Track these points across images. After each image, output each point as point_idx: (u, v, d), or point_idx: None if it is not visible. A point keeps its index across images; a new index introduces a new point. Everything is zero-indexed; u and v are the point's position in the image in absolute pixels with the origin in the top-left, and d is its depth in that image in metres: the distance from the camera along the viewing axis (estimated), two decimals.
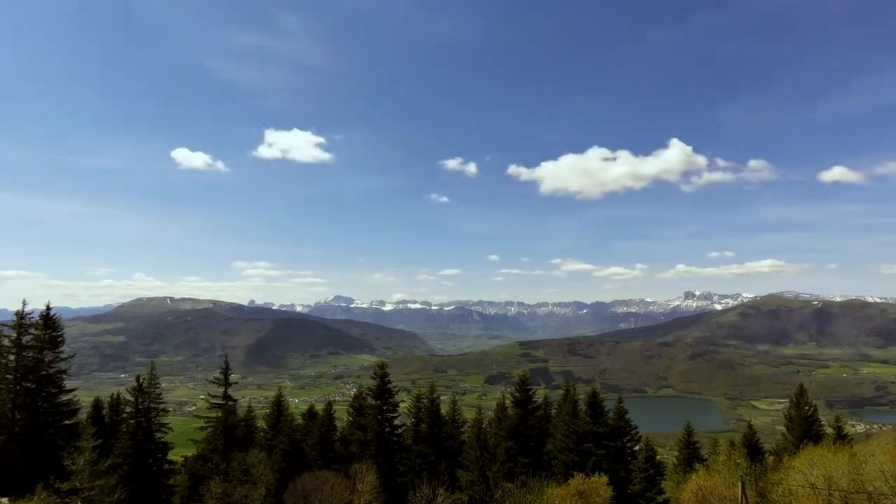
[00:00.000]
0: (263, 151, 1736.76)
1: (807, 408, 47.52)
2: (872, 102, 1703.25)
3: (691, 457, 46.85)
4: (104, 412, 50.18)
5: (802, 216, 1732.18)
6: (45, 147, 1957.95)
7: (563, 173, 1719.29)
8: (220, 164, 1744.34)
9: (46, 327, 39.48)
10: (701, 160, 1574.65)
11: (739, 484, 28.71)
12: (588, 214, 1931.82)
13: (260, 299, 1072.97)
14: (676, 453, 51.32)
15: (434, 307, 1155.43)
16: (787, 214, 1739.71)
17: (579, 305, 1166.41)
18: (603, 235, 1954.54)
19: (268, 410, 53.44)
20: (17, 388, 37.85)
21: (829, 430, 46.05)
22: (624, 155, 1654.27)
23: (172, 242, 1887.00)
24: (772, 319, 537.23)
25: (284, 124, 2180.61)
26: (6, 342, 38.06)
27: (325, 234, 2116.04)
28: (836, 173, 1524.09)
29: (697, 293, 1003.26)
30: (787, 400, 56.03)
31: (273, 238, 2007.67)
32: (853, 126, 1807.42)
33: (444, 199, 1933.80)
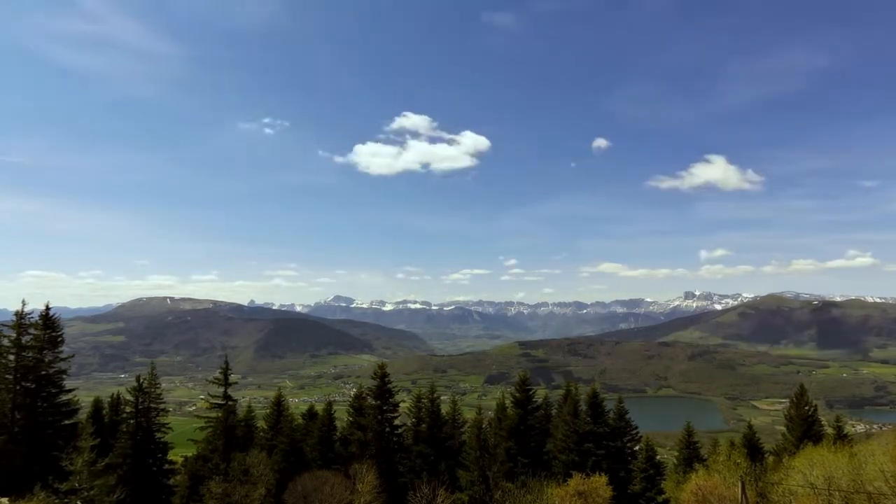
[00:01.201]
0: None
1: (807, 408, 47.49)
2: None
3: (691, 457, 46.86)
4: (104, 412, 50.13)
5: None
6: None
7: None
8: None
9: (46, 327, 39.40)
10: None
11: (739, 484, 28.70)
12: None
13: (260, 299, 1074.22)
14: (676, 453, 51.33)
15: (434, 307, 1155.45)
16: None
17: (579, 305, 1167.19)
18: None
19: (268, 410, 53.38)
20: (17, 388, 37.80)
21: (829, 430, 46.01)
22: None
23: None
24: (772, 319, 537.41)
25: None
26: (6, 342, 38.02)
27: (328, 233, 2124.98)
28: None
29: (697, 293, 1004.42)
30: (787, 400, 56.04)
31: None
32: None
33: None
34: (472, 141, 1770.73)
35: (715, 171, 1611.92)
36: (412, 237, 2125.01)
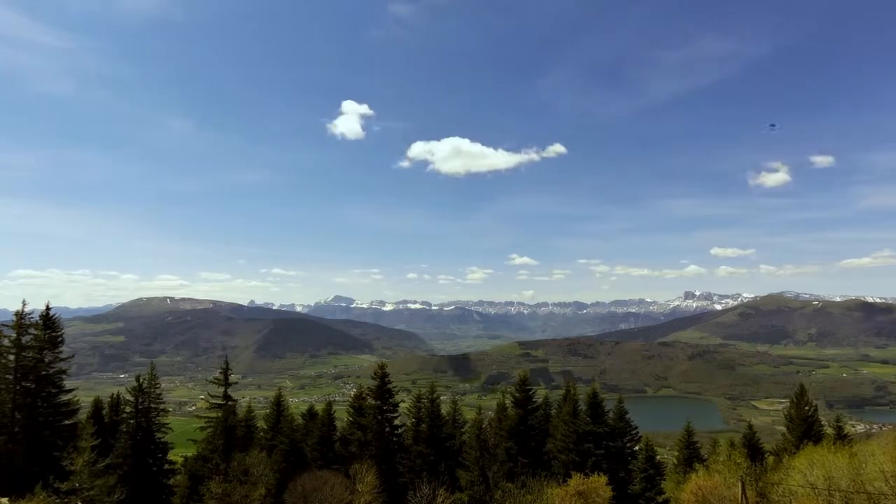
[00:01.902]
0: None
1: (807, 408, 47.47)
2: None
3: (691, 457, 46.81)
4: (104, 412, 50.12)
5: None
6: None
7: None
8: None
9: (46, 327, 39.44)
10: None
11: (739, 484, 28.72)
12: None
13: (260, 299, 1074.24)
14: (676, 453, 51.25)
15: (434, 307, 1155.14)
16: None
17: (579, 305, 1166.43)
18: None
19: (268, 410, 53.43)
20: (17, 388, 37.82)
21: (829, 430, 45.99)
22: None
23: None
24: (772, 319, 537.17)
25: None
26: (6, 342, 38.03)
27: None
28: None
29: (697, 293, 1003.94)
30: (787, 400, 55.97)
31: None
32: None
33: None
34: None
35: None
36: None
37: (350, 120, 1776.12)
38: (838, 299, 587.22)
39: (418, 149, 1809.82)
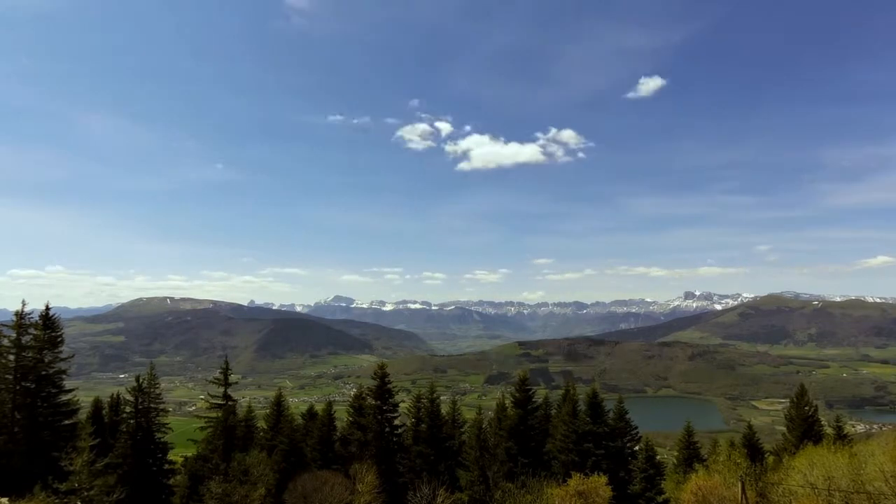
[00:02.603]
0: None
1: (807, 408, 47.47)
2: None
3: (691, 457, 46.78)
4: (104, 412, 50.09)
5: None
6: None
7: None
8: None
9: (46, 327, 39.42)
10: None
11: (739, 484, 28.70)
12: None
13: (260, 299, 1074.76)
14: (676, 453, 51.24)
15: (434, 307, 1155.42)
16: None
17: (579, 305, 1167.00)
18: None
19: (268, 410, 53.39)
20: (17, 388, 37.80)
21: (829, 430, 45.96)
22: None
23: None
24: (772, 319, 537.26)
25: None
26: (6, 342, 38.02)
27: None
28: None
29: (697, 293, 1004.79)
30: (787, 400, 55.99)
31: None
32: None
33: None
34: None
35: None
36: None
37: None
38: (838, 299, 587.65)
39: None
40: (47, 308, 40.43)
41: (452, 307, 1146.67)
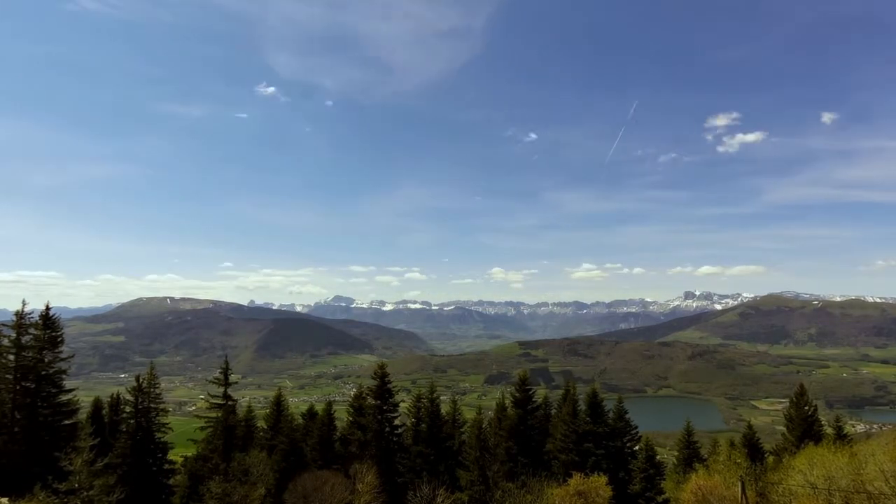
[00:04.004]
0: None
1: (807, 408, 47.46)
2: None
3: (691, 457, 46.82)
4: (104, 412, 50.13)
5: None
6: None
7: None
8: None
9: (46, 327, 39.40)
10: None
11: (739, 484, 28.68)
12: None
13: (260, 299, 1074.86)
14: (676, 453, 51.28)
15: (434, 307, 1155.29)
16: None
17: (579, 305, 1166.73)
18: None
19: (268, 410, 53.39)
20: (17, 388, 37.79)
21: (829, 430, 45.96)
22: None
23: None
24: (772, 319, 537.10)
25: None
26: (6, 342, 38.00)
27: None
28: None
29: (697, 293, 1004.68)
30: (787, 400, 55.93)
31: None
32: None
33: None
34: None
35: None
36: None
37: None
38: (838, 299, 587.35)
39: None
40: (47, 308, 40.40)
41: (452, 307, 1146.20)
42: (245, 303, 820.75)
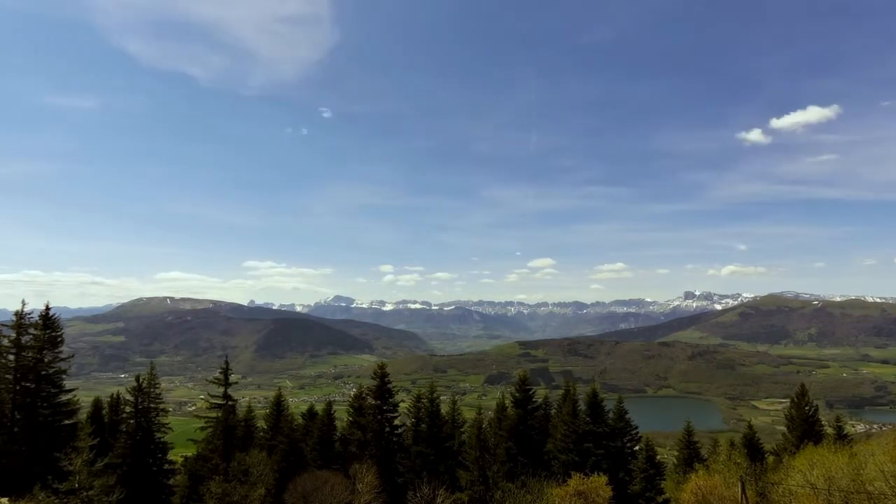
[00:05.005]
0: None
1: (807, 408, 47.44)
2: None
3: (691, 457, 46.76)
4: (104, 412, 50.05)
5: None
6: None
7: None
8: None
9: (46, 327, 39.41)
10: None
11: (739, 484, 28.67)
12: None
13: (260, 299, 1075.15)
14: (676, 453, 51.23)
15: (434, 307, 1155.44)
16: None
17: (579, 305, 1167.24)
18: None
19: (268, 410, 53.42)
20: (17, 388, 37.80)
21: (829, 430, 45.95)
22: None
23: None
24: (772, 319, 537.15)
25: None
26: (6, 342, 38.00)
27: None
28: None
29: (697, 293, 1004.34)
30: (787, 400, 55.94)
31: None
32: None
33: None
34: None
35: None
36: None
37: None
38: (838, 299, 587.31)
39: None
40: (47, 308, 40.42)
41: (453, 307, 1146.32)
42: (245, 303, 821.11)
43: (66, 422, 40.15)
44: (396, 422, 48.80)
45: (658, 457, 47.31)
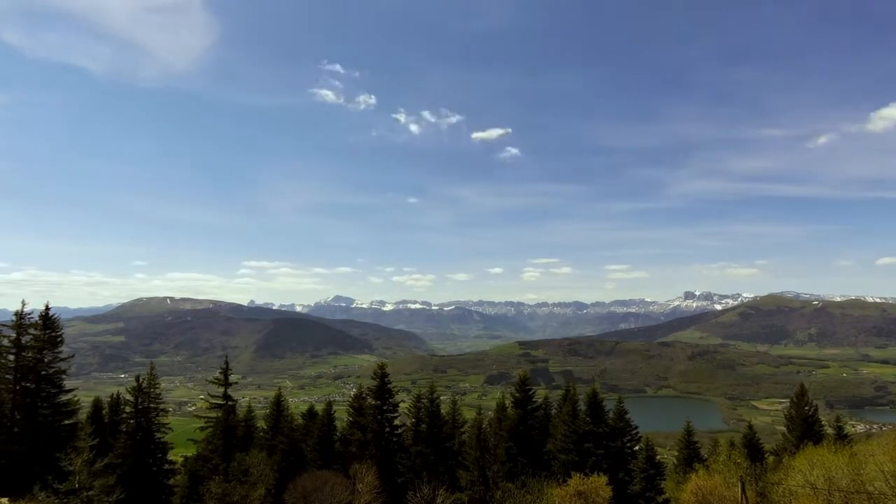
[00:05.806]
0: None
1: (807, 408, 47.47)
2: None
3: (691, 457, 46.76)
4: (104, 412, 50.05)
5: None
6: None
7: None
8: None
9: (46, 327, 39.42)
10: None
11: (739, 484, 28.67)
12: None
13: (260, 299, 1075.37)
14: (676, 453, 51.22)
15: (434, 307, 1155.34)
16: None
17: (579, 305, 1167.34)
18: None
19: (267, 410, 53.38)
20: (17, 388, 37.81)
21: (829, 431, 45.99)
22: None
23: None
24: (772, 319, 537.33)
25: None
26: (6, 342, 38.01)
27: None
28: None
29: (697, 293, 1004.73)
30: (787, 400, 55.97)
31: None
32: None
33: None
34: None
35: None
36: None
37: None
38: (838, 299, 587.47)
39: None
40: (47, 308, 40.44)
41: (452, 307, 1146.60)
42: (245, 303, 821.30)
43: (66, 422, 40.17)
44: (396, 422, 48.79)
45: (658, 457, 47.28)
